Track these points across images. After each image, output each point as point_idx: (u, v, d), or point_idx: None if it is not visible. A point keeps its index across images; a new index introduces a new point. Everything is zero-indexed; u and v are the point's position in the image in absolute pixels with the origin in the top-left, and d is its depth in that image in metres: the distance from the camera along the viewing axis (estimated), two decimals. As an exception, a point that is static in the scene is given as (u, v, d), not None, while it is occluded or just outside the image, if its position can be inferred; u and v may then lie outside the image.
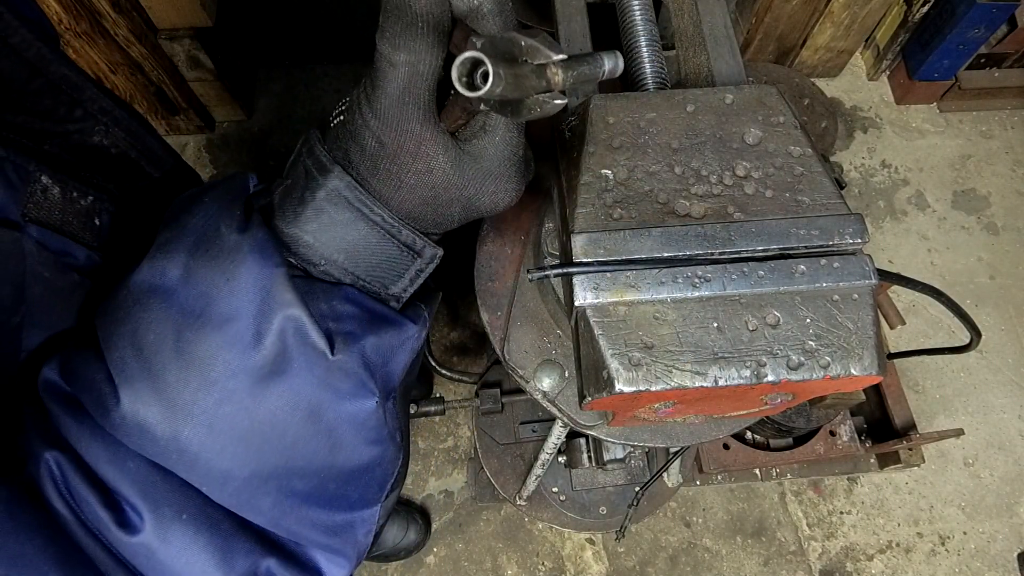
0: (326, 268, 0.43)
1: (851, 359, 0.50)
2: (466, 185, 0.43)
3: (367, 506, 0.47)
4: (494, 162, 0.43)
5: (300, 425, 0.41)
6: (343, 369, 0.41)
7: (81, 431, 0.40)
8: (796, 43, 2.31)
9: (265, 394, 0.40)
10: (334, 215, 0.42)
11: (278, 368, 0.39)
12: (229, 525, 0.42)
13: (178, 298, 0.40)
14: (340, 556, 0.46)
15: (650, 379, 0.49)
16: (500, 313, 0.77)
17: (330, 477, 0.43)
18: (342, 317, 0.42)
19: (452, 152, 0.42)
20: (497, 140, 0.43)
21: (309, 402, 0.40)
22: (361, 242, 0.43)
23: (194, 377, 0.39)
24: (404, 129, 0.40)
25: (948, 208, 2.33)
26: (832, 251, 0.54)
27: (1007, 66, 2.37)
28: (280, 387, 0.40)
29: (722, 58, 0.67)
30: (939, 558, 1.89)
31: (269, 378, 0.39)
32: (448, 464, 1.93)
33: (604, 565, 1.84)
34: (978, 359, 2.11)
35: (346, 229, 0.42)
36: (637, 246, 0.52)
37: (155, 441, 0.39)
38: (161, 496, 0.40)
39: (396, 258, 0.44)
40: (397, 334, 0.44)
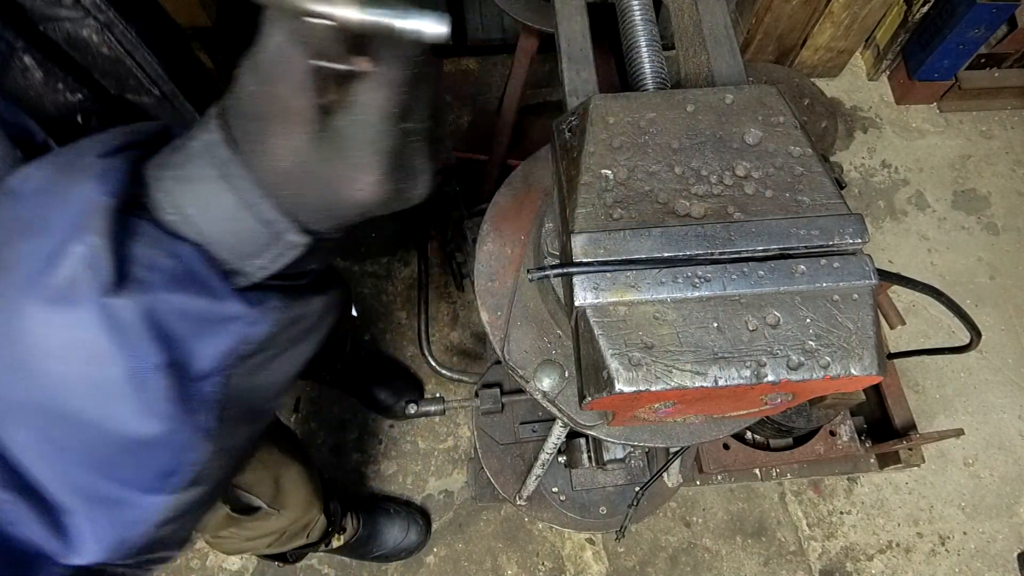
0: (176, 220, 0.40)
1: (851, 359, 0.50)
2: (321, 163, 0.39)
3: (144, 491, 0.41)
4: (351, 143, 0.39)
5: (72, 364, 0.37)
6: (115, 315, 0.37)
7: None
8: (796, 43, 2.31)
9: (45, 319, 0.37)
10: (200, 170, 0.40)
11: (64, 296, 0.37)
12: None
13: (24, 204, 0.39)
14: (92, 531, 0.41)
15: (650, 379, 0.49)
16: (500, 313, 0.77)
17: (99, 436, 0.39)
18: (155, 267, 0.38)
19: (313, 124, 0.38)
20: (357, 120, 0.38)
21: (81, 341, 0.37)
22: (219, 205, 0.40)
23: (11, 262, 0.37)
24: (274, 86, 0.38)
25: (948, 208, 2.33)
26: (832, 251, 0.54)
27: (1007, 66, 2.37)
28: (60, 317, 0.37)
29: (722, 58, 0.67)
30: (939, 558, 1.89)
31: (53, 303, 0.37)
32: (448, 464, 1.93)
33: (604, 565, 1.84)
34: (978, 359, 2.11)
35: (207, 186, 0.40)
36: (637, 246, 0.52)
37: None
38: None
39: (254, 233, 0.41)
40: (212, 306, 0.39)
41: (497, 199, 0.86)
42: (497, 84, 2.46)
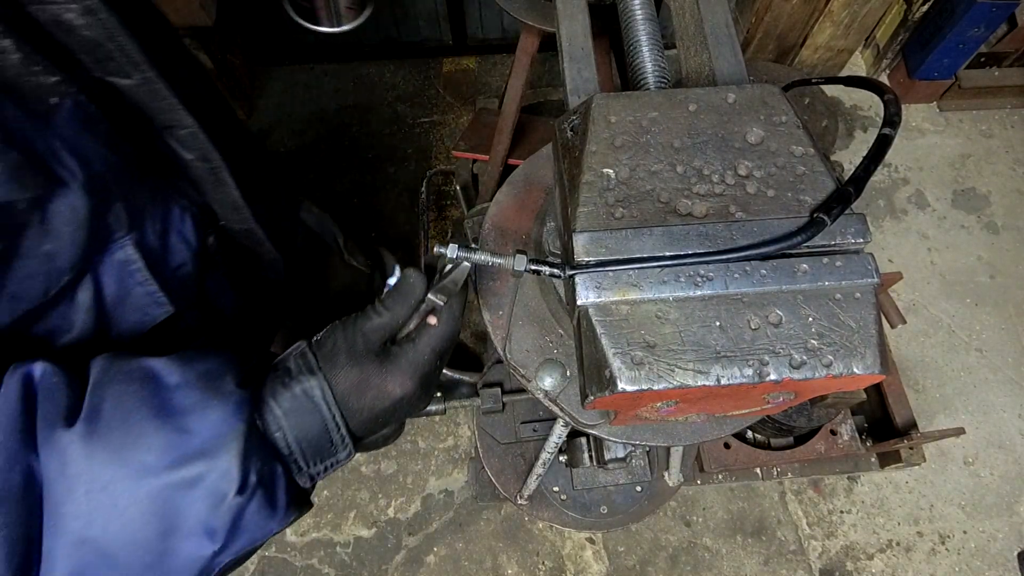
0: (279, 437, 0.58)
1: (853, 358, 0.50)
2: (383, 372, 0.61)
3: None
4: (405, 361, 0.62)
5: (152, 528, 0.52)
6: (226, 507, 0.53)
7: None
8: (796, 42, 2.31)
9: (161, 491, 0.51)
10: (303, 402, 0.58)
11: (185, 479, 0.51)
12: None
13: (166, 393, 0.54)
14: None
15: (652, 378, 0.49)
16: (502, 313, 0.77)
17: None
18: (259, 480, 0.55)
19: (382, 357, 0.62)
20: (415, 350, 0.62)
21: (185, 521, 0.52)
22: (310, 425, 0.59)
23: (135, 435, 0.51)
24: (358, 347, 0.61)
25: (948, 207, 2.33)
26: (834, 250, 0.54)
27: (1007, 65, 2.37)
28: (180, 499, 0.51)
29: (723, 57, 0.67)
30: (939, 557, 1.89)
31: (177, 488, 0.51)
32: (448, 464, 1.93)
33: (604, 564, 1.84)
34: (978, 358, 2.11)
35: (305, 413, 0.58)
36: (639, 245, 0.52)
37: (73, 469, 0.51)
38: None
39: (326, 447, 0.60)
40: (270, 520, 0.57)
41: (498, 198, 0.86)
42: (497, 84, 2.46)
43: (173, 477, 0.51)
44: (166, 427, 0.52)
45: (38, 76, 0.54)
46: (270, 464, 0.56)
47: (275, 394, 0.58)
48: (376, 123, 2.39)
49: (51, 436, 0.50)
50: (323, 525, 1.85)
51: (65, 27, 0.56)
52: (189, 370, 0.55)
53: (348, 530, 1.85)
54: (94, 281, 0.64)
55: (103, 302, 0.65)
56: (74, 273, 0.61)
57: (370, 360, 0.61)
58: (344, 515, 1.87)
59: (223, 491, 0.52)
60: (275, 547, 1.82)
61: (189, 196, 0.74)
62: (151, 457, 0.51)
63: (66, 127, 0.57)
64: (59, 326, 0.63)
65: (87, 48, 0.58)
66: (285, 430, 0.58)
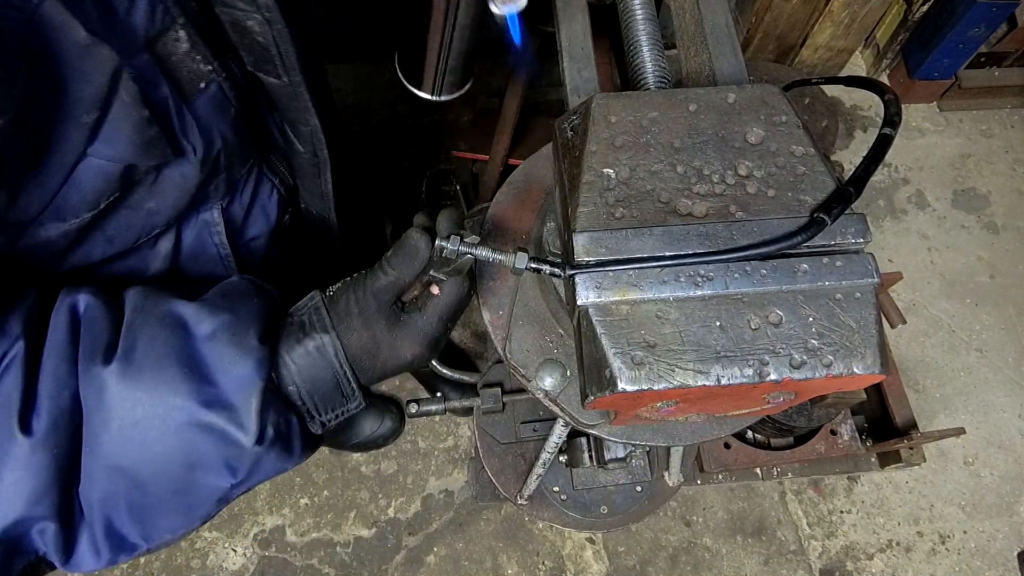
0: (292, 391, 0.62)
1: (854, 358, 0.50)
2: (392, 337, 0.64)
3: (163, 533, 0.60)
4: (414, 329, 0.64)
5: (180, 463, 0.57)
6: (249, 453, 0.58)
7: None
8: (796, 42, 2.31)
9: (185, 433, 0.55)
10: (316, 358, 0.62)
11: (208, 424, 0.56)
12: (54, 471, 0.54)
13: (194, 343, 0.58)
14: (93, 556, 0.58)
15: (652, 378, 0.49)
16: (502, 312, 0.77)
17: (163, 499, 0.58)
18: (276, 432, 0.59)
19: (392, 321, 0.64)
20: (423, 319, 0.65)
21: (207, 459, 0.57)
22: (322, 380, 0.62)
23: (165, 380, 0.55)
24: (370, 309, 0.63)
25: (948, 207, 2.33)
26: (835, 250, 0.54)
27: (1007, 65, 2.37)
28: (203, 440, 0.56)
29: (724, 57, 0.67)
30: (939, 557, 1.89)
31: (201, 430, 0.56)
32: (448, 464, 1.93)
33: (604, 564, 1.84)
34: (979, 358, 2.11)
35: (318, 369, 0.62)
36: (639, 245, 0.52)
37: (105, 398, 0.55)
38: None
39: (337, 398, 0.64)
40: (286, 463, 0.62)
41: (498, 198, 0.86)
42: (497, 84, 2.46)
43: (199, 419, 0.55)
44: (193, 375, 0.56)
45: (197, 64, 0.61)
46: (286, 416, 0.60)
47: (290, 349, 0.62)
48: (376, 123, 2.39)
49: (90, 369, 0.54)
50: (323, 525, 1.85)
51: (241, 29, 0.64)
52: (216, 320, 0.59)
53: (348, 530, 1.85)
54: (177, 234, 0.72)
55: (179, 254, 0.73)
56: (165, 227, 0.68)
57: (380, 324, 0.63)
58: (344, 515, 1.87)
59: (242, 441, 0.56)
60: (275, 547, 1.82)
61: (282, 177, 0.84)
62: (179, 400, 0.55)
63: (204, 108, 0.64)
64: (137, 267, 0.70)
65: (253, 49, 0.66)
66: (299, 384, 0.62)
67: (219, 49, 0.64)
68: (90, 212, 0.60)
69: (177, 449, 0.55)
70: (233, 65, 0.67)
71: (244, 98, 0.70)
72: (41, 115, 0.51)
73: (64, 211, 0.58)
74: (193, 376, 0.56)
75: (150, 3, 0.55)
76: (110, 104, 0.54)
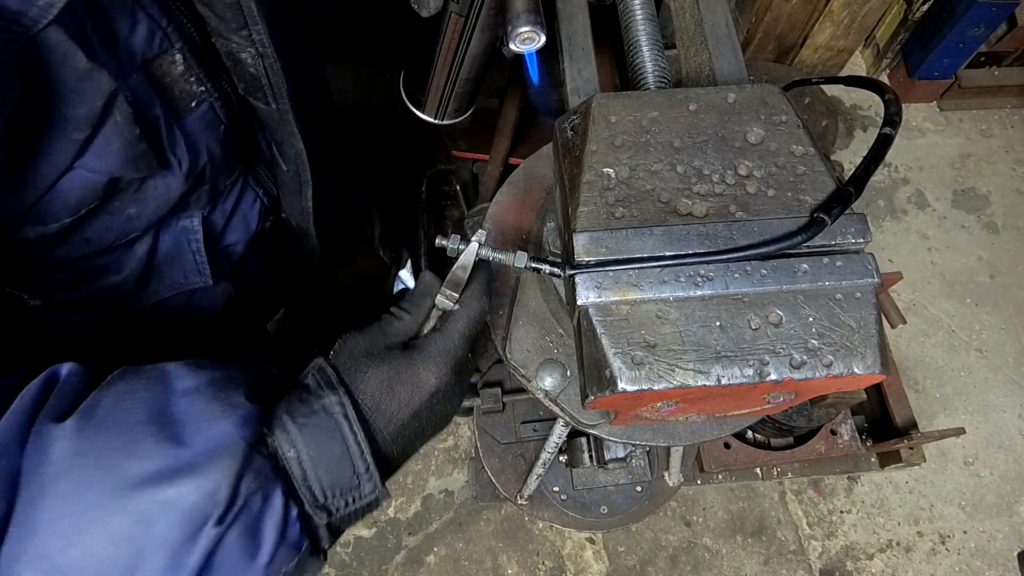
0: (291, 457, 0.52)
1: (854, 358, 0.50)
2: (412, 363, 0.58)
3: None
4: (436, 349, 0.59)
5: (118, 551, 0.45)
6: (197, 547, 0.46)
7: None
8: (796, 42, 2.31)
9: (143, 515, 0.45)
10: (322, 419, 0.53)
11: (165, 505, 0.45)
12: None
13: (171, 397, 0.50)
14: None
15: (652, 378, 0.49)
16: (502, 312, 0.77)
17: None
18: (247, 505, 0.48)
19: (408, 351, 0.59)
20: (444, 337, 0.60)
21: (154, 553, 0.45)
22: (329, 449, 0.52)
23: (126, 441, 0.46)
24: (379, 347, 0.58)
25: (948, 207, 2.33)
26: (835, 250, 0.54)
27: (1007, 64, 2.37)
28: (154, 524, 0.45)
29: (724, 57, 0.67)
30: (939, 557, 1.89)
31: (155, 509, 0.45)
32: (448, 463, 1.92)
33: (604, 564, 1.84)
34: (978, 358, 2.11)
35: (323, 434, 0.52)
36: (639, 245, 0.52)
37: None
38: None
39: (346, 477, 0.53)
40: (247, 558, 0.48)
41: (499, 198, 0.86)
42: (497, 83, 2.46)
43: (154, 496, 0.45)
44: (161, 434, 0.47)
45: (191, 84, 0.62)
46: (266, 487, 0.49)
47: (291, 410, 0.54)
48: (376, 123, 2.39)
49: (41, 430, 0.46)
50: (323, 525, 1.85)
51: (235, 59, 0.64)
52: (201, 375, 0.52)
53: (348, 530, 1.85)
54: (154, 237, 0.70)
55: (155, 257, 0.71)
56: (143, 232, 0.67)
57: (396, 355, 0.58)
58: (344, 515, 1.87)
59: (204, 514, 0.45)
60: (275, 547, 1.82)
61: (266, 187, 0.84)
62: (137, 467, 0.45)
63: (194, 125, 0.65)
64: (110, 266, 0.68)
65: (245, 77, 0.67)
66: (299, 449, 0.52)
67: (213, 71, 0.65)
68: (70, 217, 0.59)
69: (122, 536, 0.44)
70: (226, 85, 0.68)
71: (235, 116, 0.71)
72: (29, 131, 0.50)
73: (44, 217, 0.57)
74: (161, 434, 0.47)
75: (150, 28, 0.56)
76: (103, 123, 0.53)
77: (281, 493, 0.50)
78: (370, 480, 0.55)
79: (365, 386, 0.56)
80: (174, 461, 0.46)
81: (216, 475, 0.46)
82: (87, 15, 0.50)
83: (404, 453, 0.61)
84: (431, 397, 0.58)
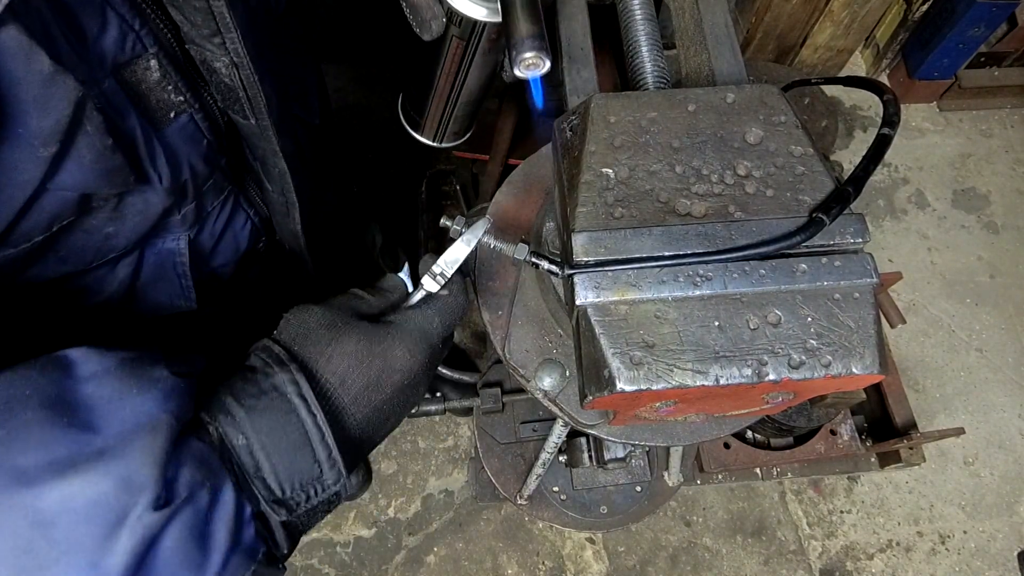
0: (242, 445, 0.45)
1: (852, 358, 0.50)
2: (386, 335, 0.54)
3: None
4: (413, 325, 0.56)
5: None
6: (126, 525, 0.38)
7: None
8: (796, 42, 2.31)
9: (31, 496, 0.37)
10: (274, 400, 0.46)
11: (67, 502, 0.37)
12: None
13: (73, 384, 0.42)
14: None
15: (651, 378, 0.49)
16: (501, 312, 0.77)
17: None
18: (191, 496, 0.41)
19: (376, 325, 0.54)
20: (422, 315, 0.57)
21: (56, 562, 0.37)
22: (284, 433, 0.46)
23: (7, 438, 0.38)
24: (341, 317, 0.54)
25: (948, 207, 2.33)
26: (833, 250, 0.54)
27: (1007, 65, 2.37)
28: (55, 529, 0.37)
29: (723, 57, 0.67)
30: (939, 557, 1.89)
31: (56, 510, 0.37)
32: (448, 463, 1.93)
33: (604, 564, 1.84)
34: (978, 358, 2.11)
35: (276, 417, 0.46)
36: (638, 245, 0.52)
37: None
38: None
39: (306, 465, 0.47)
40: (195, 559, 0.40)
41: (498, 198, 0.86)
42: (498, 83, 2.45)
43: (54, 491, 0.37)
44: (61, 421, 0.39)
45: (168, 93, 0.58)
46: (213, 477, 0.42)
47: (235, 392, 0.47)
48: (376, 123, 2.39)
49: None
50: (323, 525, 1.85)
51: (210, 68, 0.61)
52: (109, 357, 0.44)
53: (348, 530, 1.85)
54: (138, 259, 0.66)
55: (138, 279, 0.67)
56: (124, 251, 0.64)
57: (365, 327, 0.53)
58: (344, 515, 1.86)
59: (121, 507, 0.37)
60: (275, 547, 1.82)
61: (258, 208, 0.80)
62: (29, 458, 0.37)
63: (174, 137, 0.61)
64: (91, 286, 0.63)
65: (221, 88, 0.63)
66: (249, 436, 0.45)
67: (193, 81, 0.62)
68: (42, 235, 0.54)
69: (11, 548, 0.36)
70: (208, 98, 0.65)
71: (219, 131, 0.67)
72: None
73: (15, 239, 0.52)
74: (61, 422, 0.39)
75: (120, 30, 0.52)
76: (73, 136, 0.48)
77: (232, 487, 0.43)
78: (333, 468, 0.48)
79: (326, 360, 0.50)
80: (79, 448, 0.38)
81: (133, 457, 0.38)
82: (51, 12, 0.45)
83: (369, 442, 0.55)
84: (403, 378, 0.53)
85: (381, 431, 0.56)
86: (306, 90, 0.78)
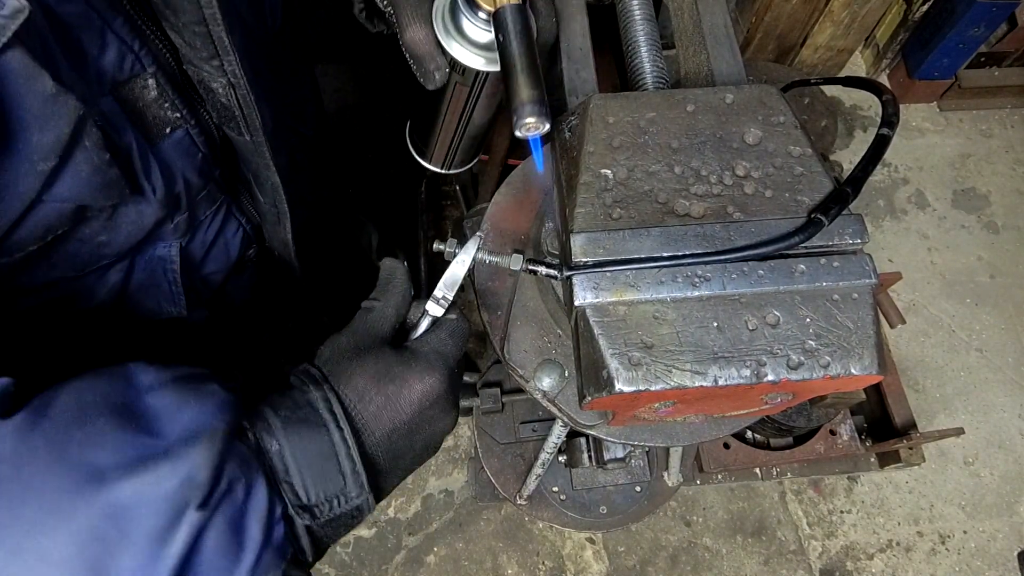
0: (275, 451, 0.49)
1: (851, 358, 0.50)
2: (403, 360, 0.56)
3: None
4: (429, 349, 0.58)
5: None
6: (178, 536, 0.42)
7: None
8: (796, 42, 2.31)
9: (105, 492, 0.41)
10: (306, 413, 0.51)
11: (134, 500, 0.42)
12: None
13: (136, 394, 0.47)
14: None
15: (650, 379, 0.49)
16: (500, 313, 0.77)
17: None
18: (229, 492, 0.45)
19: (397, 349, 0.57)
20: (437, 338, 0.59)
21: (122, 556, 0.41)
22: (312, 444, 0.50)
23: (87, 434, 0.43)
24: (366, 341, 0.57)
25: (948, 207, 2.33)
26: (832, 250, 0.54)
27: (1007, 65, 2.37)
28: (136, 502, 0.41)
29: (722, 57, 0.67)
30: (939, 557, 1.89)
31: (125, 504, 0.41)
32: (448, 463, 1.93)
33: (604, 564, 1.84)
34: (978, 358, 2.11)
35: (306, 428, 0.50)
36: (636, 246, 0.52)
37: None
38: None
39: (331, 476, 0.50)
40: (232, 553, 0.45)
41: (497, 199, 0.86)
42: (497, 83, 2.45)
43: (125, 487, 0.41)
44: (129, 426, 0.44)
45: (165, 110, 0.60)
46: (248, 474, 0.46)
47: (273, 405, 0.52)
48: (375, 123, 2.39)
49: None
50: (323, 525, 1.85)
51: (207, 88, 0.62)
52: (165, 372, 0.49)
53: (348, 530, 1.85)
54: (129, 265, 0.67)
55: (128, 286, 0.68)
56: (115, 259, 0.65)
57: (385, 352, 0.56)
58: (344, 515, 1.87)
59: (183, 500, 0.42)
60: (275, 547, 1.82)
61: (250, 216, 0.82)
62: (104, 458, 0.42)
63: (169, 151, 0.62)
64: (81, 291, 0.65)
65: (217, 107, 0.64)
66: (282, 443, 0.49)
67: (190, 98, 0.63)
68: (36, 245, 0.55)
69: (82, 556, 0.40)
70: (204, 113, 0.66)
71: (214, 144, 0.68)
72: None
73: (10, 248, 0.53)
74: (129, 427, 0.44)
75: (120, 51, 0.54)
76: (71, 151, 0.50)
77: (265, 484, 0.47)
78: (357, 482, 0.51)
79: (347, 378, 0.54)
80: (146, 450, 0.43)
81: (194, 458, 0.43)
82: (53, 36, 0.47)
83: (395, 464, 0.57)
84: (421, 400, 0.55)
85: (406, 456, 0.57)
86: (301, 101, 0.79)
